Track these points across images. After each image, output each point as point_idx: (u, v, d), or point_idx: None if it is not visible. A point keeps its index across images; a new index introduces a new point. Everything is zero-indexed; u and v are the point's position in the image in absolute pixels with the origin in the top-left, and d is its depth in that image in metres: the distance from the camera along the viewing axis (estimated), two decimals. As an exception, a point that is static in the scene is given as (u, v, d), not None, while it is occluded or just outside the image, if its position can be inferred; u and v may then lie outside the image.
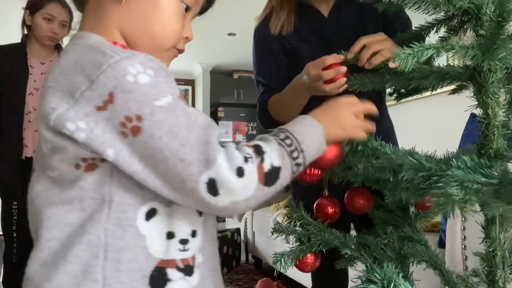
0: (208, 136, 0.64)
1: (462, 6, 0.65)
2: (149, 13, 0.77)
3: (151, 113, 0.62)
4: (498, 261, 0.74)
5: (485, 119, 0.71)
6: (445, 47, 0.63)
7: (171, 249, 0.71)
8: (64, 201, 0.69)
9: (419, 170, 0.68)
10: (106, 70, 0.63)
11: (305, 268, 0.97)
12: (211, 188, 0.62)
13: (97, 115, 0.62)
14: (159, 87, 0.65)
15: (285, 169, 0.69)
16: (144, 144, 0.62)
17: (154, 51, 0.77)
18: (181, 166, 0.62)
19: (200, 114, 0.67)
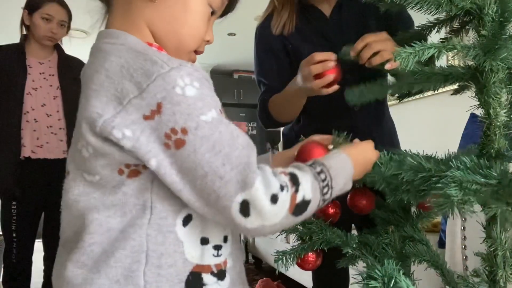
0: (248, 157, 0.65)
1: (464, 6, 0.65)
2: (180, 15, 0.77)
3: (196, 127, 0.63)
4: (499, 261, 0.75)
5: (487, 119, 0.71)
6: (446, 47, 0.63)
7: (206, 254, 0.73)
8: (106, 206, 0.70)
9: (419, 171, 0.68)
10: (157, 79, 0.63)
11: (307, 267, 0.97)
12: (244, 209, 0.63)
13: (143, 123, 0.63)
14: (204, 100, 0.65)
15: (314, 203, 0.71)
16: (186, 157, 0.63)
17: (178, 52, 0.79)
18: (219, 183, 0.63)
19: (240, 132, 0.68)
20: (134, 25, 0.76)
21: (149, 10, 0.76)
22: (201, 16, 0.80)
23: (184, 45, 0.80)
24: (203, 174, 0.63)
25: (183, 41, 0.79)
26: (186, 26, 0.78)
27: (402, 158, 0.76)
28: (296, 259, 0.96)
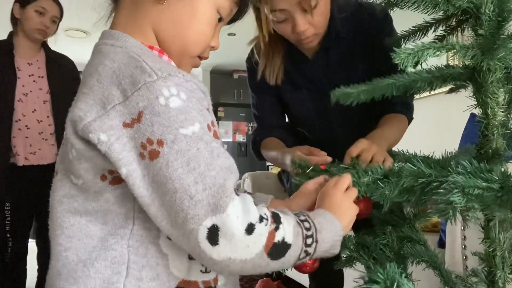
0: (225, 179, 0.61)
1: (461, 5, 0.65)
2: (187, 19, 0.75)
3: (173, 140, 0.60)
4: (498, 261, 0.74)
5: (485, 119, 0.71)
6: (445, 47, 0.63)
7: (193, 269, 0.69)
8: (88, 212, 0.68)
9: (419, 176, 0.68)
10: (141, 88, 0.61)
11: (304, 269, 0.97)
12: (212, 236, 0.58)
13: (121, 130, 0.61)
14: (188, 113, 0.62)
15: (294, 251, 0.64)
16: (158, 170, 0.60)
17: (181, 56, 0.78)
18: (188, 203, 0.58)
19: (223, 152, 0.64)
20: (139, 26, 0.74)
21: (156, 11, 0.74)
22: (208, 22, 0.78)
23: (188, 50, 0.78)
24: (172, 190, 0.59)
25: (187, 45, 0.77)
26: (192, 31, 0.76)
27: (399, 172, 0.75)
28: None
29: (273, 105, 1.47)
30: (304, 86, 1.38)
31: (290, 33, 1.20)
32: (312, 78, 1.36)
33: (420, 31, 0.82)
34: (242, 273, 0.64)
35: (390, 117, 1.33)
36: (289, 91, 1.40)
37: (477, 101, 0.71)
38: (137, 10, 0.75)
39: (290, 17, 1.15)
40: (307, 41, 1.22)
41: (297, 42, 1.25)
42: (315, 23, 1.17)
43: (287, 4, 1.12)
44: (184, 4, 0.75)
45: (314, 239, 0.67)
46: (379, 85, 0.74)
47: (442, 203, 0.59)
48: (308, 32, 1.18)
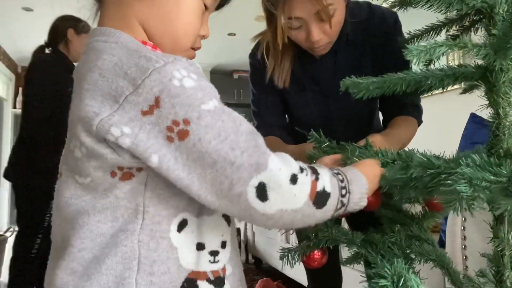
0: (255, 140, 0.63)
1: (475, 5, 0.65)
2: (174, 12, 0.75)
3: (199, 117, 0.61)
4: (506, 261, 0.74)
5: (496, 119, 0.71)
6: (458, 45, 0.63)
7: (202, 260, 0.70)
8: (96, 210, 0.68)
9: (428, 167, 0.68)
10: (152, 74, 0.62)
11: (312, 264, 0.97)
12: (261, 193, 0.61)
13: (142, 120, 0.61)
14: (204, 90, 0.64)
15: (333, 199, 0.68)
16: (192, 148, 0.61)
17: (174, 50, 0.77)
18: (230, 169, 0.60)
19: (243, 119, 0.67)
20: (127, 23, 0.74)
21: (141, 7, 0.74)
22: (194, 13, 0.78)
23: (179, 43, 0.78)
24: (212, 162, 0.61)
25: (178, 39, 0.77)
26: (180, 23, 0.76)
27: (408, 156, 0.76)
28: (301, 256, 0.96)
29: (275, 104, 1.46)
30: (310, 87, 1.38)
31: (303, 40, 1.19)
32: (318, 80, 1.36)
33: (433, 30, 0.82)
34: (294, 224, 0.67)
35: (402, 119, 1.33)
36: (294, 92, 1.39)
37: (488, 101, 0.71)
38: (122, 7, 0.74)
39: (305, 25, 1.15)
40: (320, 50, 1.22)
41: (309, 49, 1.25)
42: (329, 33, 1.16)
43: (304, 13, 1.11)
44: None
45: (347, 189, 0.71)
46: (389, 79, 0.74)
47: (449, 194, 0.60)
48: (321, 41, 1.18)
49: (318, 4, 1.07)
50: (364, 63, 1.33)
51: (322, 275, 1.56)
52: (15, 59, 6.93)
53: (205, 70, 7.54)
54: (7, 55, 6.49)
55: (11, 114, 6.88)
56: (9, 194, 6.76)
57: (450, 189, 0.58)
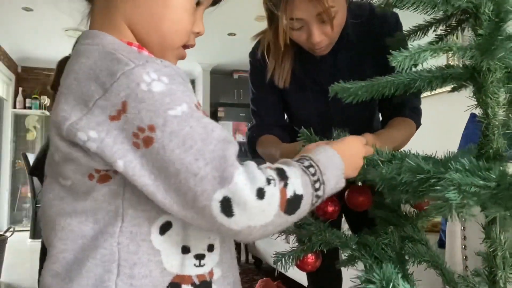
0: (224, 150, 0.60)
1: (460, 5, 0.65)
2: (159, 9, 0.73)
3: (164, 123, 0.59)
4: (499, 261, 0.74)
5: (485, 119, 0.71)
6: (442, 48, 0.63)
7: (187, 264, 0.69)
8: (77, 212, 0.67)
9: (418, 172, 0.68)
10: (120, 78, 0.60)
11: (306, 268, 0.97)
12: (225, 208, 0.58)
13: (110, 124, 0.60)
14: (173, 95, 0.62)
15: (307, 199, 0.65)
16: (156, 155, 0.59)
17: (163, 50, 0.76)
18: (193, 181, 0.58)
19: (217, 126, 0.63)
20: (113, 23, 0.72)
21: (127, 7, 0.72)
22: (183, 9, 0.75)
23: (168, 42, 0.75)
24: (175, 172, 0.59)
25: (166, 37, 0.75)
26: (167, 21, 0.74)
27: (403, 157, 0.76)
28: (295, 260, 0.96)
29: (274, 103, 1.45)
30: (310, 87, 1.37)
31: (304, 41, 1.19)
32: (318, 80, 1.35)
33: (420, 30, 0.82)
34: (265, 236, 0.65)
35: (399, 121, 1.33)
36: (294, 91, 1.39)
37: (477, 101, 0.71)
38: (109, 9, 0.73)
39: (306, 27, 1.14)
40: (320, 50, 1.22)
41: (309, 50, 1.25)
42: (330, 34, 1.16)
43: (306, 14, 1.11)
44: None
45: (321, 181, 0.69)
46: (377, 83, 0.74)
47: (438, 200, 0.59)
48: (322, 43, 1.17)
49: (320, 6, 1.06)
50: (364, 64, 1.33)
51: (322, 276, 1.55)
52: (15, 59, 6.94)
53: (205, 70, 7.55)
54: (7, 55, 6.50)
55: (11, 114, 6.89)
56: (9, 194, 6.77)
57: (439, 196, 0.58)
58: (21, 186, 6.95)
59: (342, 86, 0.75)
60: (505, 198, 0.55)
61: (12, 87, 6.97)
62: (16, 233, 3.86)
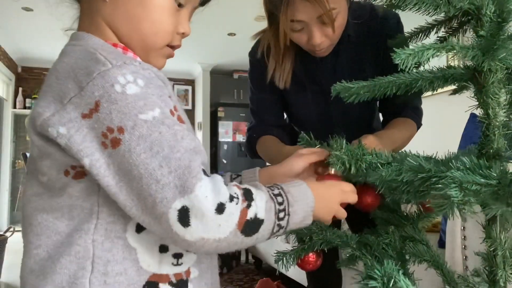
0: (190, 160, 0.61)
1: (462, 7, 0.65)
2: (138, 11, 0.74)
3: (133, 126, 0.60)
4: (499, 261, 0.74)
5: (486, 120, 0.71)
6: (445, 48, 0.63)
7: (164, 263, 0.69)
8: (53, 208, 0.68)
9: (419, 171, 0.68)
10: (96, 78, 0.61)
11: (307, 267, 0.97)
12: (183, 217, 0.58)
13: (81, 122, 0.61)
14: (147, 99, 0.62)
15: (267, 225, 0.65)
16: (122, 158, 0.60)
17: (146, 50, 0.77)
18: (155, 187, 0.59)
19: (187, 134, 0.64)
20: (96, 27, 0.74)
21: (106, 9, 0.73)
22: (163, 10, 0.75)
23: (149, 43, 0.76)
24: (138, 176, 0.59)
25: (146, 39, 0.75)
26: (146, 22, 0.74)
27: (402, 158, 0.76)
28: (296, 259, 0.96)
29: (274, 103, 1.45)
30: (310, 88, 1.37)
31: (304, 43, 1.19)
32: (319, 81, 1.35)
33: (422, 32, 0.83)
34: (218, 251, 0.66)
35: (400, 121, 1.32)
36: (294, 91, 1.39)
37: (478, 102, 0.71)
38: (91, 11, 0.75)
39: (306, 28, 1.14)
40: (321, 52, 1.22)
41: (310, 51, 1.24)
42: (331, 35, 1.16)
43: (306, 16, 1.10)
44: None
45: (287, 212, 0.68)
46: (379, 83, 0.74)
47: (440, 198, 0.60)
48: (323, 44, 1.17)
49: (321, 8, 1.06)
50: (365, 64, 1.33)
51: (322, 276, 1.55)
52: (15, 59, 6.94)
53: (205, 70, 7.55)
54: (7, 55, 6.50)
55: (11, 114, 6.89)
56: (9, 194, 6.77)
57: (441, 193, 0.58)
58: (21, 186, 6.94)
59: (344, 86, 0.76)
60: (506, 194, 0.56)
61: (12, 87, 6.97)
62: (16, 233, 3.85)
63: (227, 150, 7.45)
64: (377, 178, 0.75)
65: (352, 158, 0.79)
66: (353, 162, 0.80)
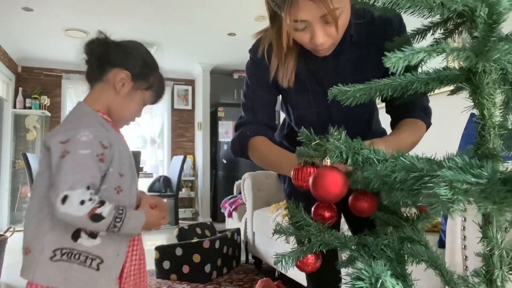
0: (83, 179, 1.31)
1: (456, 9, 0.65)
2: (127, 105, 1.47)
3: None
4: (496, 260, 0.75)
5: (481, 120, 0.71)
6: (436, 50, 0.63)
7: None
8: None
9: (412, 170, 0.68)
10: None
11: (306, 268, 0.98)
12: (64, 200, 1.22)
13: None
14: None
15: (106, 221, 1.24)
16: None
17: (118, 121, 1.49)
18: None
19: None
20: (100, 101, 1.43)
21: (115, 97, 1.44)
22: (138, 108, 1.52)
23: (123, 120, 1.50)
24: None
25: (123, 118, 1.49)
26: (128, 111, 1.48)
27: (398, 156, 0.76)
28: (295, 261, 0.96)
29: (269, 103, 1.46)
30: (312, 88, 1.37)
31: (307, 42, 1.19)
32: (321, 81, 1.35)
33: (419, 34, 0.83)
34: (74, 225, 1.27)
35: (408, 122, 1.32)
36: (294, 91, 1.39)
37: (473, 102, 0.71)
38: (103, 93, 1.44)
39: (309, 28, 1.14)
40: (323, 51, 1.22)
41: (312, 50, 1.24)
42: (334, 35, 1.16)
43: (310, 16, 1.10)
44: (127, 98, 1.45)
45: (122, 220, 1.27)
46: (375, 85, 0.74)
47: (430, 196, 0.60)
48: (326, 44, 1.17)
49: (324, 7, 1.06)
50: (368, 64, 1.33)
51: (321, 276, 1.56)
52: (15, 59, 6.94)
53: (205, 70, 7.55)
54: (7, 55, 6.51)
55: (11, 114, 6.90)
56: (9, 194, 6.78)
57: (431, 192, 0.58)
58: (21, 186, 6.96)
59: (341, 89, 0.76)
60: (493, 193, 0.56)
61: (12, 87, 6.98)
62: (16, 233, 3.86)
63: (227, 150, 7.46)
64: (372, 172, 0.75)
65: (350, 150, 0.79)
66: (351, 154, 0.79)
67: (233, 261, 4.16)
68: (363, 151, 0.78)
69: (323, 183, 0.79)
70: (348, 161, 0.79)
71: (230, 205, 5.04)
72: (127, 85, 1.43)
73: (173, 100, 8.27)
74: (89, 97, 1.44)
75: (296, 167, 0.95)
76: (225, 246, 3.96)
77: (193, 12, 5.06)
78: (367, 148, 0.81)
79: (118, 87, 1.42)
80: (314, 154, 0.87)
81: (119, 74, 1.41)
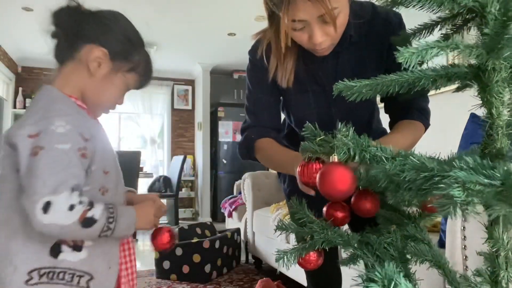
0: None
1: (466, 4, 0.64)
2: (105, 88, 1.19)
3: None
4: (501, 261, 0.74)
5: (489, 119, 0.70)
6: (449, 46, 0.62)
7: None
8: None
9: (422, 170, 0.67)
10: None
11: (308, 266, 0.97)
12: (46, 208, 0.97)
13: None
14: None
15: (99, 224, 1.01)
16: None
17: (94, 108, 1.20)
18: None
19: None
20: (71, 84, 1.15)
21: (88, 80, 1.16)
22: (119, 92, 1.23)
23: (100, 107, 1.22)
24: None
25: (100, 105, 1.21)
26: (106, 97, 1.20)
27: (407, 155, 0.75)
28: (297, 258, 0.96)
29: (271, 104, 1.45)
30: (311, 88, 1.36)
31: (305, 41, 1.18)
32: (320, 81, 1.34)
33: (426, 29, 0.82)
34: (61, 236, 1.03)
35: (406, 124, 1.31)
36: (294, 91, 1.38)
37: (482, 101, 0.71)
38: (75, 74, 1.16)
39: (308, 27, 1.13)
40: (322, 51, 1.21)
41: (311, 50, 1.24)
42: (333, 34, 1.15)
43: (308, 16, 1.09)
44: (106, 81, 1.18)
45: (114, 219, 1.04)
46: (382, 81, 0.73)
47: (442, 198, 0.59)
48: (324, 43, 1.16)
49: (322, 7, 1.05)
50: (367, 65, 1.32)
51: (322, 276, 1.55)
52: (15, 59, 6.93)
53: (205, 70, 7.55)
54: (7, 55, 6.50)
55: (11, 114, 6.88)
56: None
57: (444, 193, 0.57)
58: (21, 186, 6.93)
59: (346, 85, 0.75)
60: (509, 195, 0.55)
61: (12, 87, 6.97)
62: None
63: (227, 150, 7.45)
64: (380, 171, 0.74)
65: (357, 147, 0.78)
66: (358, 151, 0.78)
67: (233, 261, 4.16)
68: (371, 149, 0.77)
69: (330, 180, 0.77)
70: (356, 158, 0.78)
71: (230, 205, 5.03)
72: (104, 66, 1.16)
73: (173, 100, 8.27)
74: (59, 79, 1.15)
75: (302, 163, 0.95)
76: (225, 246, 3.96)
77: (193, 12, 5.06)
78: (374, 146, 0.80)
79: (92, 67, 1.14)
80: (318, 150, 0.86)
81: (93, 52, 1.14)
